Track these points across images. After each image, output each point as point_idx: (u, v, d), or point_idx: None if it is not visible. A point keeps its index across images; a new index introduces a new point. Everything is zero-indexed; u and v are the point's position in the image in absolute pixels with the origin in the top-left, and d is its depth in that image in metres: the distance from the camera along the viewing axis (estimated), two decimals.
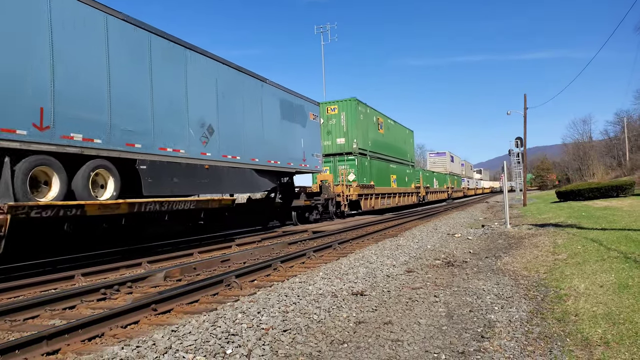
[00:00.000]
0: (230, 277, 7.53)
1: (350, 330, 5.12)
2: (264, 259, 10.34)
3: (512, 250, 10.71)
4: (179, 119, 11.93)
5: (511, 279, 7.54)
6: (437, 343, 4.67)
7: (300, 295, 6.44)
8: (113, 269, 9.64)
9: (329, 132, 26.71)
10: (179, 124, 11.94)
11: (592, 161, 69.47)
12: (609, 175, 59.10)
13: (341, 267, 8.68)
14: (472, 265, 9.06)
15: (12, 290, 7.70)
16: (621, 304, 5.33)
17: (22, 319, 5.96)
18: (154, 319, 5.75)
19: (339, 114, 26.75)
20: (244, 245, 13.65)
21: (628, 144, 67.12)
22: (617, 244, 9.41)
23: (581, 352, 4.20)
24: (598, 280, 6.55)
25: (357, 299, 6.47)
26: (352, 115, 26.54)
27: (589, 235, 11.25)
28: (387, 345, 4.64)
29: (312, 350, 4.51)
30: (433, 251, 11.08)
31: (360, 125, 27.13)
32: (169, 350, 4.31)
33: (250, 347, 4.48)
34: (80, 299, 6.83)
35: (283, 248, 12.59)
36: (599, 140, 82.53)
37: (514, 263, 9.03)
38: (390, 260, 9.64)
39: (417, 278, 7.96)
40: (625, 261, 7.53)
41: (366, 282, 7.55)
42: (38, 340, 4.55)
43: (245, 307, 5.78)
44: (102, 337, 5.08)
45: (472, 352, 4.37)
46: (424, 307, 6.01)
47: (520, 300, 6.15)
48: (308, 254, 10.40)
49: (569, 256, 8.95)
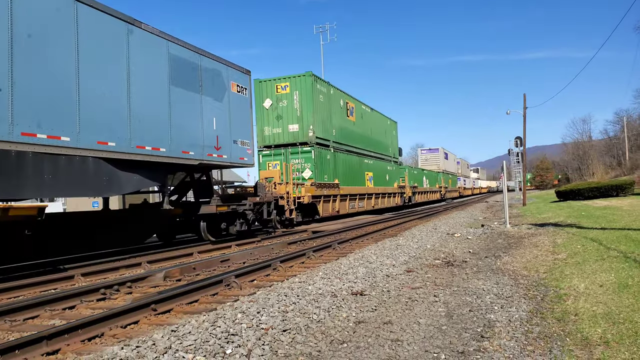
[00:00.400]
0: (230, 277, 7.53)
1: (350, 330, 5.12)
2: (264, 259, 10.34)
3: (511, 250, 10.72)
4: None
5: (511, 279, 7.54)
6: (437, 343, 4.67)
7: (299, 295, 6.44)
8: (113, 269, 9.65)
9: (279, 117, 21.56)
10: None
11: (592, 161, 69.47)
12: (609, 175, 59.11)
13: (341, 267, 8.68)
14: (472, 265, 9.06)
15: (12, 290, 7.71)
16: (621, 304, 5.33)
17: (22, 319, 5.96)
18: (153, 319, 5.75)
19: (291, 94, 21.38)
20: (243, 245, 13.65)
21: (628, 144, 67.15)
22: (616, 244, 9.41)
23: (581, 352, 4.20)
24: (598, 280, 6.56)
25: (356, 298, 6.47)
26: (307, 95, 21.24)
27: (589, 235, 11.25)
28: (387, 345, 4.64)
29: (312, 350, 4.51)
30: (433, 251, 11.09)
31: (320, 109, 22.06)
32: (168, 350, 4.31)
33: (250, 347, 4.48)
34: (80, 299, 6.83)
35: (282, 248, 12.59)
36: (599, 140, 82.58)
37: (513, 263, 9.04)
38: (390, 260, 9.64)
39: (416, 278, 7.97)
40: (625, 261, 7.53)
41: (366, 281, 7.55)
42: (38, 341, 4.55)
43: (245, 307, 5.78)
44: (101, 337, 5.08)
45: (471, 352, 4.37)
46: (423, 307, 6.02)
47: (520, 300, 6.15)
48: (308, 253, 10.40)
49: (568, 256, 8.95)
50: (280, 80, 21.69)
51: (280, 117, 21.58)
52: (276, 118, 21.61)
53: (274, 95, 21.66)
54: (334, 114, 23.89)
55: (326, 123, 22.79)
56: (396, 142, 36.48)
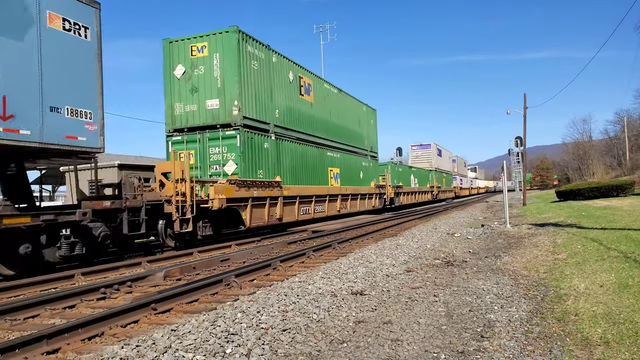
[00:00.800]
0: (230, 277, 7.53)
1: (350, 330, 5.12)
2: (264, 259, 10.35)
3: (511, 250, 10.72)
4: None
5: (511, 279, 7.54)
6: (437, 342, 4.67)
7: (299, 295, 6.44)
8: (113, 269, 9.65)
9: (194, 89, 15.60)
10: None
11: (592, 161, 69.42)
12: (609, 175, 59.08)
13: (341, 267, 8.68)
14: (472, 265, 9.06)
15: (13, 290, 7.72)
16: (621, 304, 5.33)
17: (23, 318, 5.97)
18: (153, 318, 5.75)
19: (210, 57, 15.49)
20: (243, 245, 13.65)
21: (628, 144, 67.10)
22: (617, 244, 9.41)
23: (581, 352, 4.20)
24: (598, 280, 6.56)
25: (356, 298, 6.47)
26: (231, 58, 15.24)
27: (589, 235, 11.25)
28: (387, 344, 4.64)
29: (312, 350, 4.51)
30: (432, 251, 11.09)
31: (253, 79, 16.08)
32: (168, 350, 4.31)
33: (250, 347, 4.48)
34: (80, 298, 6.84)
35: (282, 247, 12.59)
36: (599, 140, 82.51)
37: (513, 263, 9.04)
38: (390, 259, 9.64)
39: (416, 277, 7.97)
40: (626, 261, 7.53)
41: (366, 281, 7.55)
42: (38, 340, 4.56)
43: (245, 307, 5.78)
44: (102, 336, 5.09)
45: (471, 352, 4.37)
46: (423, 307, 6.02)
47: (520, 300, 6.15)
48: (307, 253, 10.40)
49: (568, 256, 8.95)
50: (196, 39, 15.73)
51: (196, 89, 15.60)
52: (190, 91, 15.65)
53: (188, 59, 15.74)
54: (278, 89, 17.90)
55: (263, 100, 16.72)
56: (375, 134, 30.77)
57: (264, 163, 16.51)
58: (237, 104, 15.09)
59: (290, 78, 19.07)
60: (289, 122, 18.73)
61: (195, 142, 15.57)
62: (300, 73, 20.05)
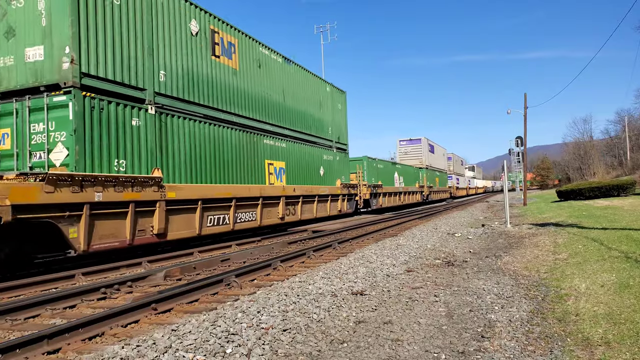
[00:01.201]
0: (230, 277, 7.54)
1: (350, 330, 5.12)
2: (264, 259, 10.35)
3: (512, 250, 10.71)
4: None
5: (511, 279, 7.54)
6: (437, 343, 4.66)
7: (300, 295, 6.44)
8: (113, 269, 9.65)
9: (11, 32, 10.43)
10: None
11: (593, 160, 69.36)
12: (610, 175, 59.03)
13: (341, 267, 8.67)
14: (472, 265, 9.05)
15: (13, 290, 7.72)
16: (622, 304, 5.32)
17: (23, 318, 5.98)
18: (154, 318, 5.76)
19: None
20: (243, 245, 13.65)
21: (629, 143, 67.04)
22: (618, 244, 9.40)
23: (582, 352, 4.19)
24: (599, 280, 6.55)
25: (356, 298, 6.47)
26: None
27: (590, 235, 11.24)
28: (387, 344, 4.64)
29: (312, 350, 4.50)
30: (433, 250, 11.08)
31: (107, 17, 10.70)
32: (169, 350, 4.32)
33: (250, 347, 4.48)
34: (81, 298, 6.84)
35: (283, 247, 12.59)
36: (600, 140, 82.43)
37: (514, 262, 9.03)
38: (390, 259, 9.64)
39: (417, 277, 7.96)
40: (626, 261, 7.52)
41: (366, 281, 7.55)
42: (39, 340, 4.56)
43: (245, 307, 5.78)
44: (102, 336, 5.09)
45: (472, 352, 4.36)
46: (424, 307, 6.01)
47: (520, 300, 6.15)
48: (308, 253, 10.40)
49: (569, 256, 8.94)
50: None
51: (13, 31, 10.43)
52: (5, 35, 10.46)
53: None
54: (167, 41, 12.48)
55: (132, 53, 11.33)
56: (344, 121, 25.13)
57: (131, 149, 10.99)
58: (68, 52, 9.76)
59: (192, 29, 13.52)
60: (189, 91, 13.16)
61: (11, 115, 10.24)
62: (213, 25, 14.46)
